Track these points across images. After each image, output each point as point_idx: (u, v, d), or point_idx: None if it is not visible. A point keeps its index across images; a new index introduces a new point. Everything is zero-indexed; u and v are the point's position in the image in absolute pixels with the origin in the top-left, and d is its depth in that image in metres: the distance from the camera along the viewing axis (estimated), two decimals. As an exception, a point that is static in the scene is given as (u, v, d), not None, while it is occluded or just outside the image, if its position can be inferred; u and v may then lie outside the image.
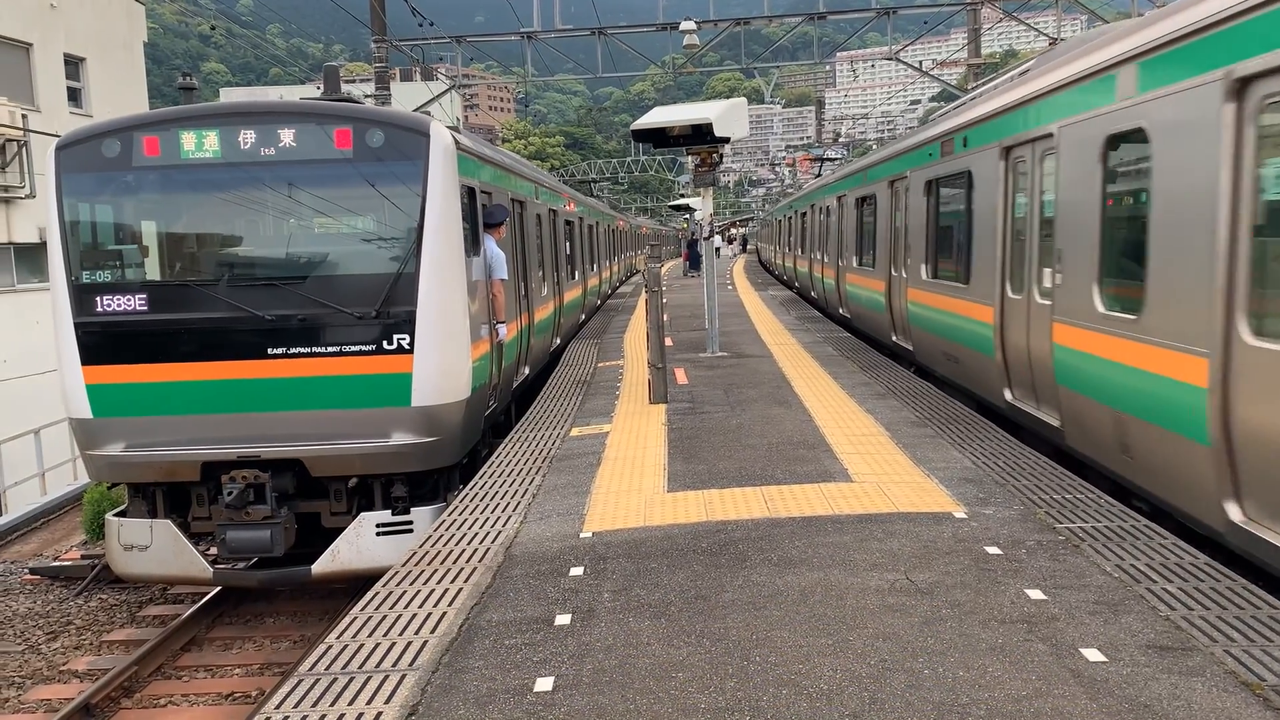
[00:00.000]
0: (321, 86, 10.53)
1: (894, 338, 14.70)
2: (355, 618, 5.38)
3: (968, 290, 10.51)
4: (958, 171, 11.11)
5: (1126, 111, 6.94)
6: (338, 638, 5.12)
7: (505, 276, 10.74)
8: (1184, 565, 5.48)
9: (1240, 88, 5.57)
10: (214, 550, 9.34)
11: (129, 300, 8.88)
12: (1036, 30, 26.40)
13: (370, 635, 5.11)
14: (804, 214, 27.74)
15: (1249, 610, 4.83)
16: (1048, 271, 8.39)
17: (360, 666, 4.74)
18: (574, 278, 20.19)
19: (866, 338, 16.88)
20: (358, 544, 8.97)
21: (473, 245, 9.88)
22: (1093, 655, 4.40)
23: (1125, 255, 7.27)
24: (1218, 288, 5.71)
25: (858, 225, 17.98)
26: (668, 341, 14.92)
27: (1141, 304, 6.70)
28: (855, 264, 18.11)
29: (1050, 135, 8.28)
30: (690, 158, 14.57)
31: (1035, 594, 5.14)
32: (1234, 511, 5.62)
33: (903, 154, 14.20)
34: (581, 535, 6.57)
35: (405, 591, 5.73)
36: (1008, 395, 9.47)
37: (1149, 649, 4.45)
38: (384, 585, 5.88)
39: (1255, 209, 5.53)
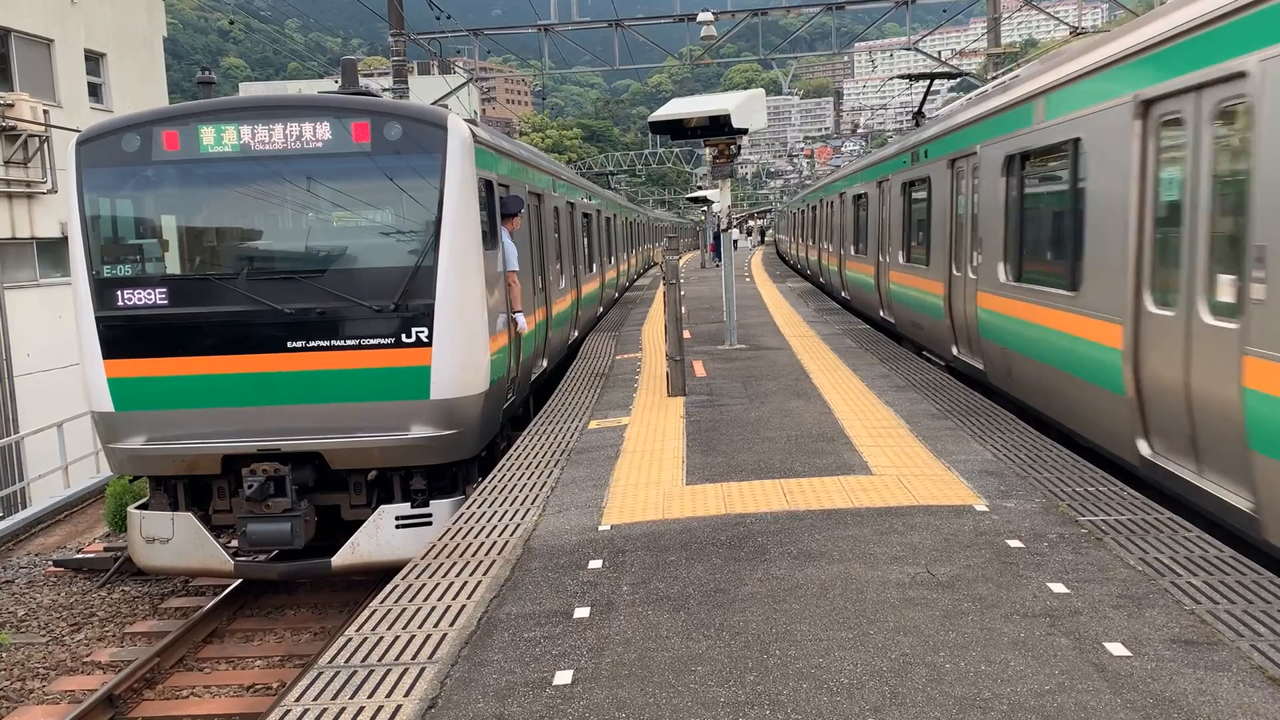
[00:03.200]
0: (340, 80, 10.52)
1: (881, 312, 17.54)
2: (375, 610, 5.39)
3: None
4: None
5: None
6: (358, 630, 5.13)
7: (516, 268, 10.73)
8: (1209, 558, 5.43)
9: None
10: (235, 543, 9.39)
11: (149, 294, 8.92)
12: (1057, 19, 26.13)
13: (390, 628, 5.12)
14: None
15: (1275, 604, 4.77)
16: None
17: (380, 659, 4.75)
18: (592, 270, 20.18)
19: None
20: (377, 536, 9.00)
21: (491, 238, 9.87)
22: (1117, 649, 4.36)
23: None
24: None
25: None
26: (686, 334, 14.89)
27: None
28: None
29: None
30: (708, 149, 14.54)
31: (1058, 587, 5.09)
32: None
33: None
34: (600, 528, 6.56)
35: (424, 584, 5.74)
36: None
37: (1174, 643, 4.40)
38: (403, 578, 5.89)
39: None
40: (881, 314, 17.30)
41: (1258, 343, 5.52)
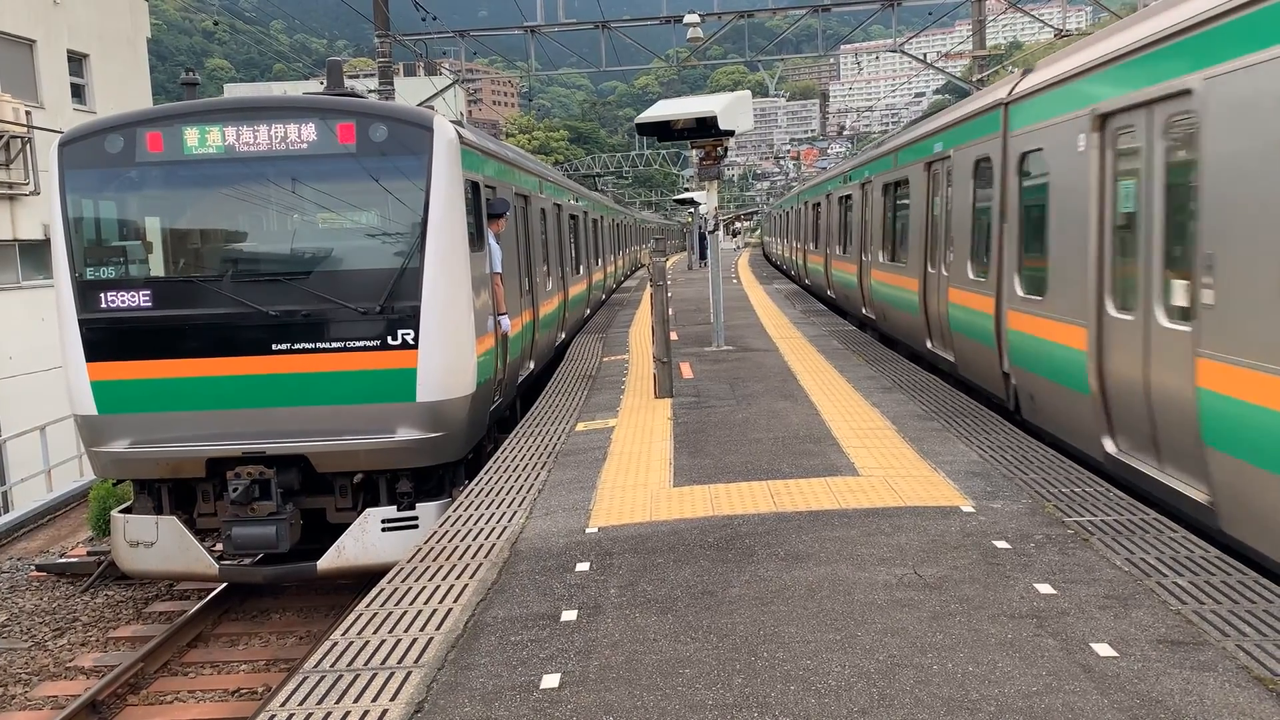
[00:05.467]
0: (325, 82, 10.48)
1: (864, 310, 18.10)
2: (361, 614, 5.36)
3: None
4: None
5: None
6: (343, 634, 5.10)
7: (500, 270, 10.71)
8: (1195, 559, 5.44)
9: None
10: (220, 546, 9.34)
11: (133, 296, 8.87)
12: (1041, 22, 26.24)
13: (376, 632, 5.09)
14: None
15: (1261, 604, 4.79)
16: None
17: (366, 663, 4.72)
18: (579, 272, 20.16)
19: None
20: (363, 540, 8.96)
21: (477, 240, 9.85)
22: (1103, 650, 4.36)
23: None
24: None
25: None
26: (673, 335, 14.89)
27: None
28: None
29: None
30: (695, 151, 14.54)
31: (1044, 588, 5.10)
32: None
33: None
34: (587, 531, 6.54)
35: (411, 588, 5.71)
36: (863, 310, 15.02)
37: (1160, 644, 4.41)
38: (389, 582, 5.86)
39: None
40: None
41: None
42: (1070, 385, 7.91)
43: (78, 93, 25.14)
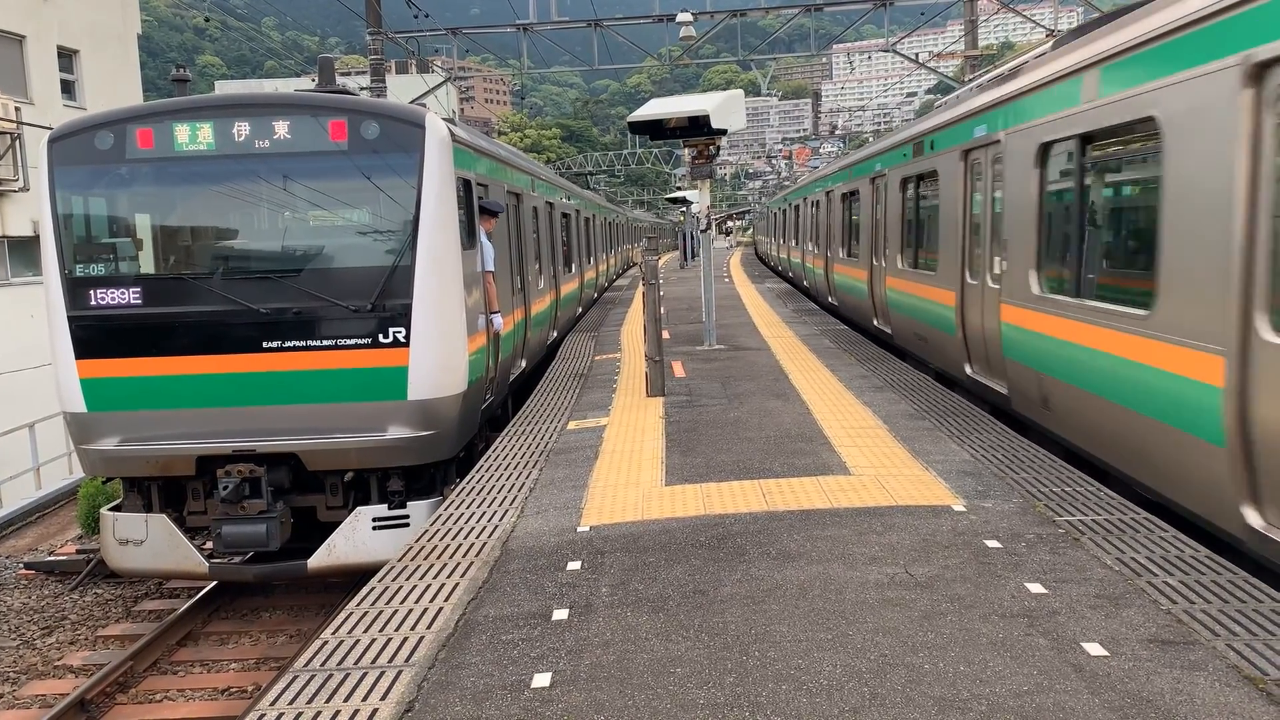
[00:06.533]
0: (316, 79, 10.44)
1: (875, 322, 17.35)
2: (351, 613, 5.34)
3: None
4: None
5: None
6: (333, 633, 5.08)
7: (493, 268, 10.69)
8: (1185, 558, 5.46)
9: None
10: (210, 544, 9.30)
11: (123, 294, 8.83)
12: (1033, 22, 26.30)
13: (366, 631, 5.08)
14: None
15: (1251, 604, 4.80)
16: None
17: (356, 662, 4.71)
18: (571, 270, 20.14)
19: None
20: (354, 538, 8.94)
21: (469, 238, 9.83)
22: (1094, 649, 4.37)
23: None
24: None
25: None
26: (665, 334, 14.89)
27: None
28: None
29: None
30: (687, 150, 14.52)
31: (1036, 588, 5.11)
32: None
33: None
34: (579, 529, 6.53)
35: (401, 587, 5.69)
36: (875, 322, 14.85)
37: (1151, 643, 4.42)
38: (380, 581, 5.84)
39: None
40: (875, 323, 16.00)
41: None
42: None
43: (68, 89, 25.02)
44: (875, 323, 16.17)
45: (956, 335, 11.12)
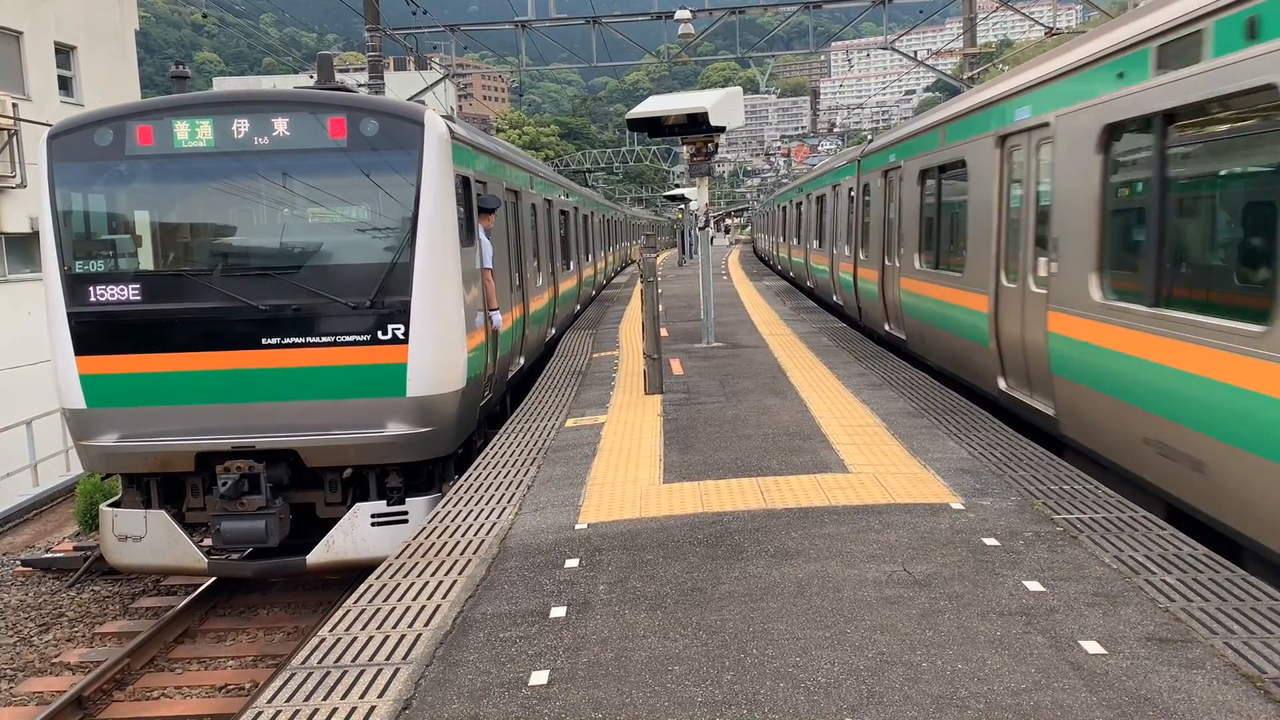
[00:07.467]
0: (315, 76, 10.43)
1: (887, 327, 16.18)
2: (349, 611, 5.34)
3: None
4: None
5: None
6: (331, 630, 5.08)
7: (491, 265, 10.69)
8: (1183, 556, 5.46)
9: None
10: (209, 541, 9.30)
11: (122, 290, 8.82)
12: (1032, 20, 26.30)
13: (364, 629, 5.08)
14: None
15: (1249, 602, 4.80)
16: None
17: (354, 660, 4.71)
18: (569, 268, 20.13)
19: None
20: (353, 534, 8.94)
21: (467, 235, 9.83)
22: (1092, 648, 4.37)
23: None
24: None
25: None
26: (663, 332, 14.89)
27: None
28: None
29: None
30: (685, 147, 14.51)
31: (1033, 586, 5.11)
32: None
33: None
34: (577, 527, 6.53)
35: (399, 584, 5.69)
36: (887, 326, 14.46)
37: (1148, 641, 4.42)
38: (378, 578, 5.84)
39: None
40: (887, 328, 14.92)
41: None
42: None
43: (65, 85, 24.94)
44: (887, 327, 14.90)
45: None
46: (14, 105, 21.42)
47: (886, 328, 14.94)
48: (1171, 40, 6.30)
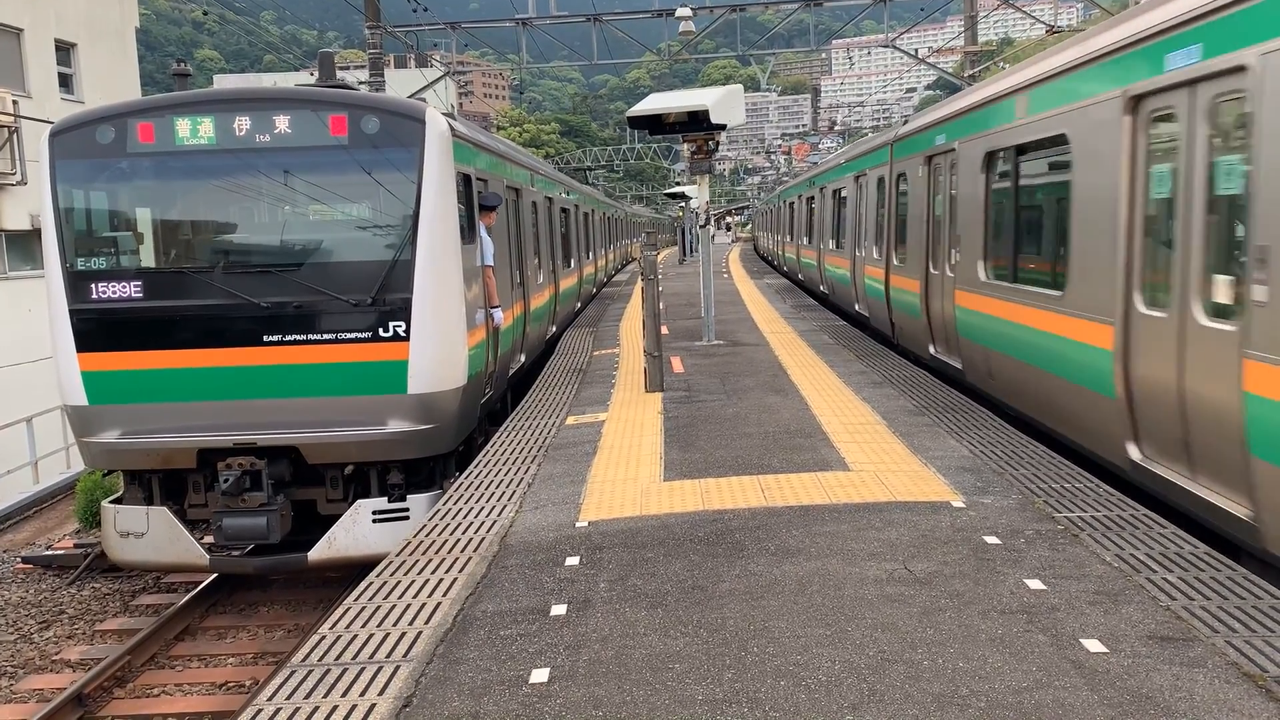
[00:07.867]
0: (316, 73, 10.42)
1: (932, 350, 13.71)
2: (349, 608, 5.34)
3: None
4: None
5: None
6: (331, 628, 5.08)
7: (492, 263, 10.69)
8: (1184, 555, 5.46)
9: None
10: (210, 537, 9.31)
11: (124, 287, 8.83)
12: (1033, 18, 26.28)
13: (364, 626, 5.08)
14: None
15: (1250, 600, 4.80)
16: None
17: (354, 657, 4.71)
18: (570, 265, 20.13)
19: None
20: (354, 531, 8.95)
21: (469, 232, 9.83)
22: (1093, 646, 4.37)
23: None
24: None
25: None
26: (664, 330, 14.88)
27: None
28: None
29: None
30: (686, 145, 14.50)
31: (1035, 584, 5.11)
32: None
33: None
34: (577, 524, 6.53)
35: (400, 581, 5.69)
36: (932, 349, 12.51)
37: (1150, 639, 4.42)
38: (379, 575, 5.84)
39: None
40: (932, 350, 12.34)
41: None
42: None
43: (65, 82, 24.93)
44: (932, 350, 12.28)
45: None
46: (14, 102, 21.42)
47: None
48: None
